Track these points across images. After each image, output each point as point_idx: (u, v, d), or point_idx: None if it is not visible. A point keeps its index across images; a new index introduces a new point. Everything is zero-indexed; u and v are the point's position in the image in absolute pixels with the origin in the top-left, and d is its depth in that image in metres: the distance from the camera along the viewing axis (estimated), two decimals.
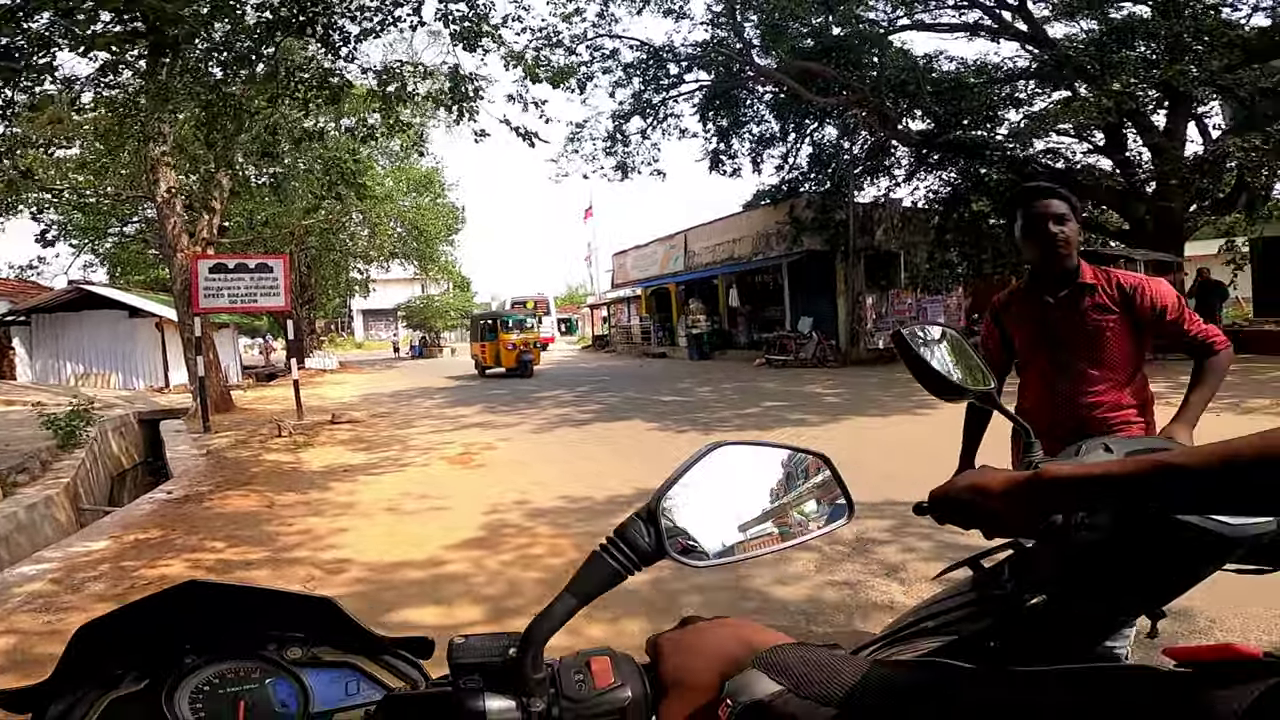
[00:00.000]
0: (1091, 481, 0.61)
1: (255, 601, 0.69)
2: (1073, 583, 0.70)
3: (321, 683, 0.70)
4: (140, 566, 4.24)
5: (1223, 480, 0.54)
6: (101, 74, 7.32)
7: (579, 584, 0.60)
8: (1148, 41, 13.52)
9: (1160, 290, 2.05)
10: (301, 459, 7.91)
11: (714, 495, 0.65)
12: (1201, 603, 2.90)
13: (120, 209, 19.09)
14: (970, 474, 0.74)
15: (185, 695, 0.67)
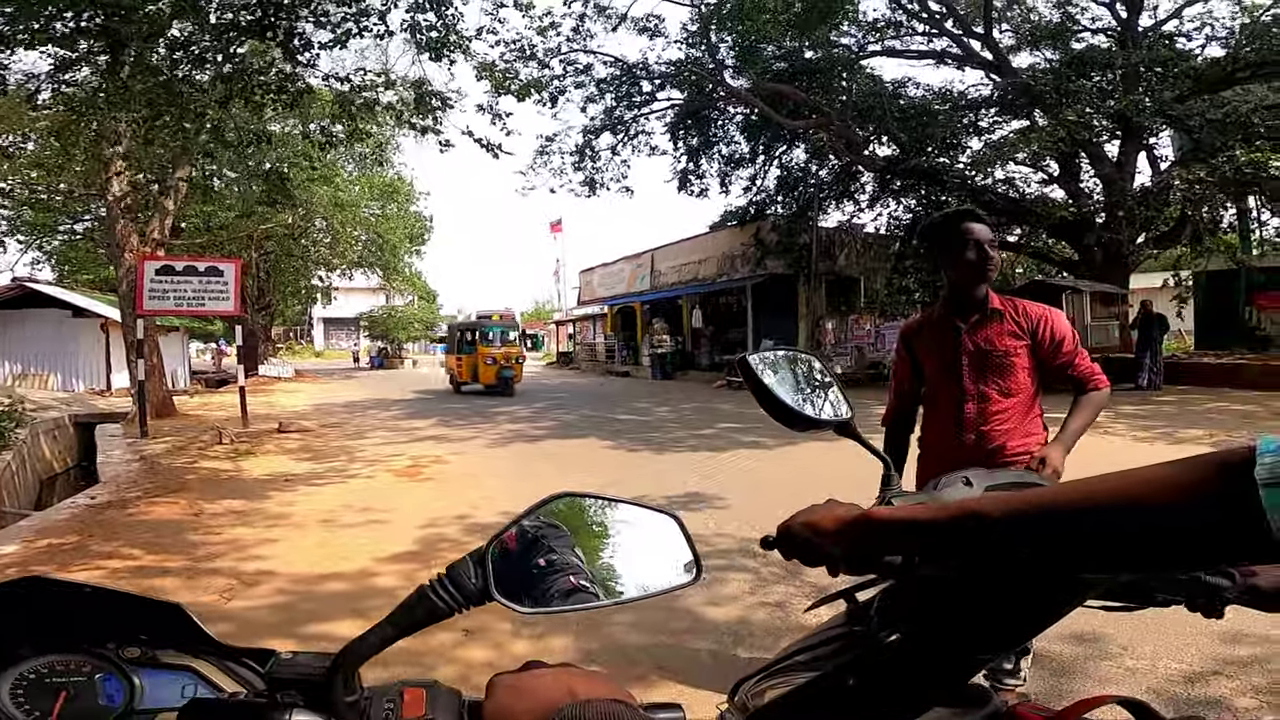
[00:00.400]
0: (910, 526, 0.60)
1: (101, 602, 0.69)
2: (925, 621, 0.67)
3: (156, 683, 0.71)
4: (45, 571, 4.00)
5: (1035, 533, 0.53)
6: (59, 70, 7.11)
7: (401, 616, 0.61)
8: (1104, 71, 13.99)
9: (1062, 323, 2.13)
10: (241, 467, 7.64)
11: (555, 543, 0.67)
12: (1114, 628, 2.91)
13: (71, 206, 18.48)
14: (808, 511, 0.73)
15: (7, 684, 0.68)
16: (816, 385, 1.09)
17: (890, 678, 0.66)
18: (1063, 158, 15.23)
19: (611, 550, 0.70)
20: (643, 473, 7.07)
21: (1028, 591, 0.63)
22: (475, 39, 8.76)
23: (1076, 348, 2.12)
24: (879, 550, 0.66)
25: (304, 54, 7.77)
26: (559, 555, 0.67)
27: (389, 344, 36.88)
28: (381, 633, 0.61)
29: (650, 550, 0.71)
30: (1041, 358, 2.10)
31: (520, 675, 0.63)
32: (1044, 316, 2.11)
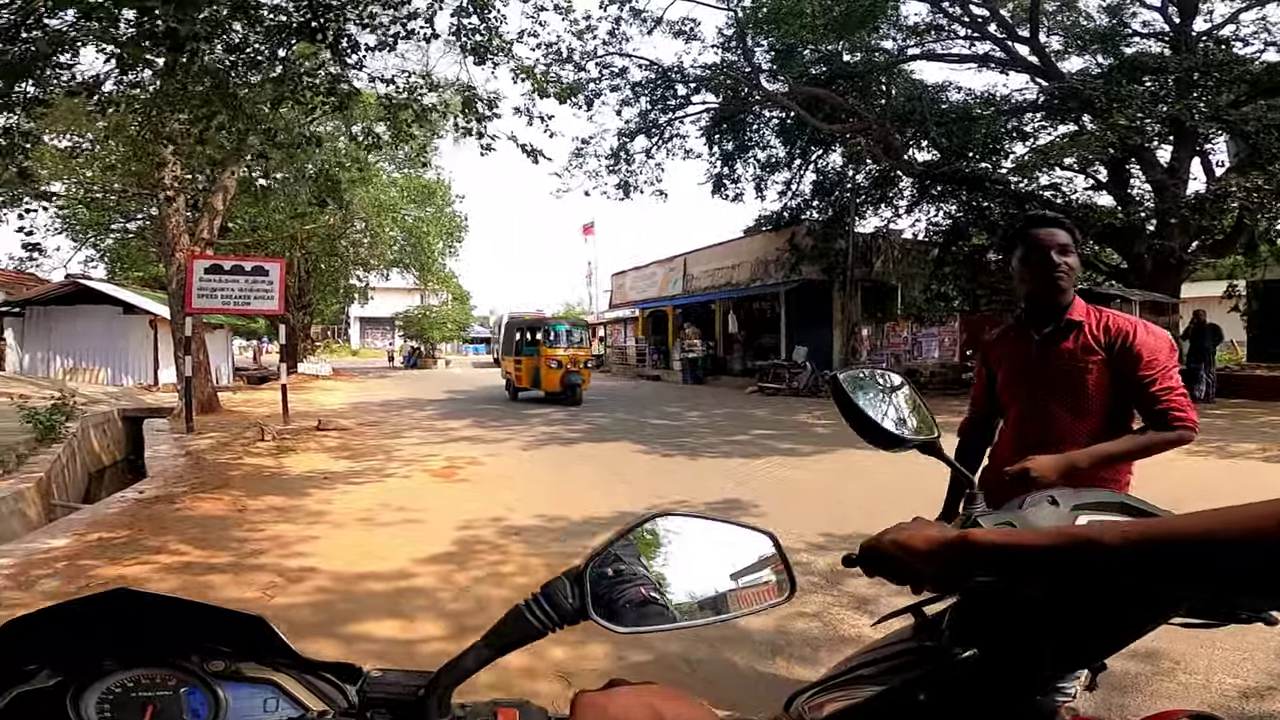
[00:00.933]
0: (1015, 552, 0.61)
1: (185, 614, 0.69)
2: (1005, 638, 0.67)
3: (240, 697, 0.70)
4: (98, 566, 4.12)
5: (1158, 564, 0.53)
6: (121, 73, 7.38)
7: (496, 636, 0.62)
8: (1157, 76, 13.59)
9: (1148, 338, 1.87)
10: (283, 464, 7.80)
11: (651, 563, 0.67)
12: (1168, 643, 2.82)
13: (124, 205, 19.12)
14: (898, 530, 0.73)
15: (94, 697, 0.68)
16: (903, 404, 1.10)
17: (964, 694, 0.67)
18: (1112, 163, 14.80)
19: (709, 569, 0.70)
20: (677, 478, 7.03)
21: (1114, 610, 0.63)
22: (517, 41, 8.85)
23: (1162, 372, 1.84)
24: (973, 572, 0.66)
25: (352, 56, 7.93)
26: (657, 574, 0.67)
27: (423, 344, 37.39)
28: (477, 654, 0.61)
29: (746, 568, 0.72)
30: (1124, 375, 1.88)
31: (607, 694, 0.62)
32: (1127, 330, 1.89)
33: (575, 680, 2.78)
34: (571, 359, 15.15)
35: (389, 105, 8.77)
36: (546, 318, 17.35)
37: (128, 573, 4.01)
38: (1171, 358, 1.88)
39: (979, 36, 16.63)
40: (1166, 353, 1.87)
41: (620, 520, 5.36)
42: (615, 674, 0.79)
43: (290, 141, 9.51)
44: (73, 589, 3.72)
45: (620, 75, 18.40)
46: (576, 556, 4.13)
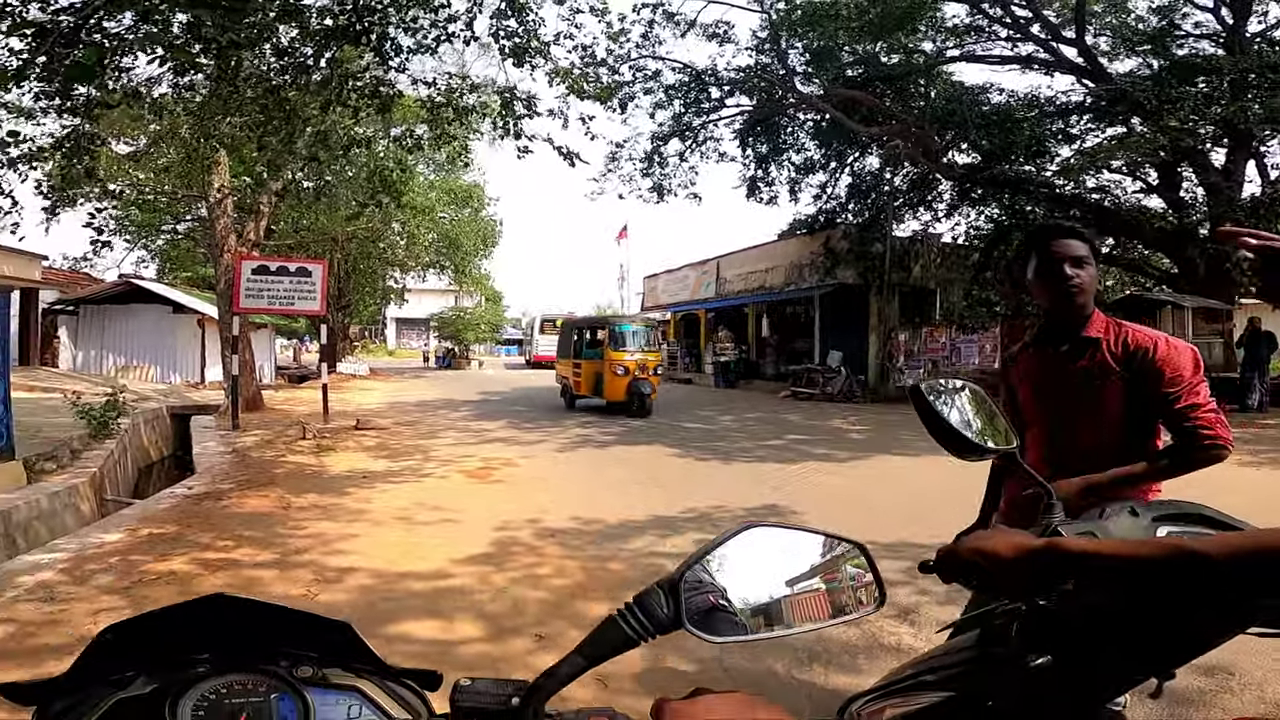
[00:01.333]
0: (1106, 560, 0.62)
1: (275, 618, 0.71)
2: (1082, 646, 0.68)
3: (326, 703, 0.71)
4: (149, 561, 4.25)
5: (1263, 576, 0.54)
6: (176, 75, 7.64)
7: (590, 646, 0.62)
8: (1209, 78, 13.18)
9: (1171, 354, 1.77)
10: (323, 463, 7.96)
11: (741, 574, 0.68)
12: (1227, 655, 2.76)
13: (175, 207, 19.74)
14: (980, 537, 0.73)
15: (190, 703, 0.69)
16: (981, 414, 1.11)
17: (1036, 700, 0.67)
18: (1162, 166, 14.36)
19: (798, 579, 0.70)
20: (713, 483, 7.00)
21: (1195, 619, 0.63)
22: (554, 44, 8.92)
23: (1187, 389, 1.75)
24: (1061, 579, 0.67)
25: (395, 58, 8.09)
26: (747, 585, 0.68)
27: (457, 345, 37.89)
28: (572, 664, 0.62)
29: (833, 578, 0.72)
30: (1146, 394, 1.78)
31: (690, 703, 0.62)
32: (1149, 345, 1.79)
33: (610, 682, 2.78)
34: (640, 364, 13.34)
35: (429, 106, 8.92)
36: (613, 317, 16.12)
37: (178, 569, 4.13)
38: (1197, 373, 1.78)
39: (1021, 38, 16.27)
40: (1191, 368, 1.78)
41: (655, 523, 5.35)
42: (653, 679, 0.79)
43: (341, 143, 9.75)
44: (126, 584, 3.84)
45: (654, 78, 18.44)
46: (613, 560, 4.12)
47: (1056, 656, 0.67)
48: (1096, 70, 15.05)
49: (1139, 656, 0.65)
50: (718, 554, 0.67)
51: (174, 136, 12.49)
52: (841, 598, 0.72)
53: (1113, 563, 0.61)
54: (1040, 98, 16.52)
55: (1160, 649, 0.65)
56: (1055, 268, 1.82)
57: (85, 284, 21.44)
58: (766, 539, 0.70)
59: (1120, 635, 0.64)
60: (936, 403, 1.05)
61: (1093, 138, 15.45)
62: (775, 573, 0.70)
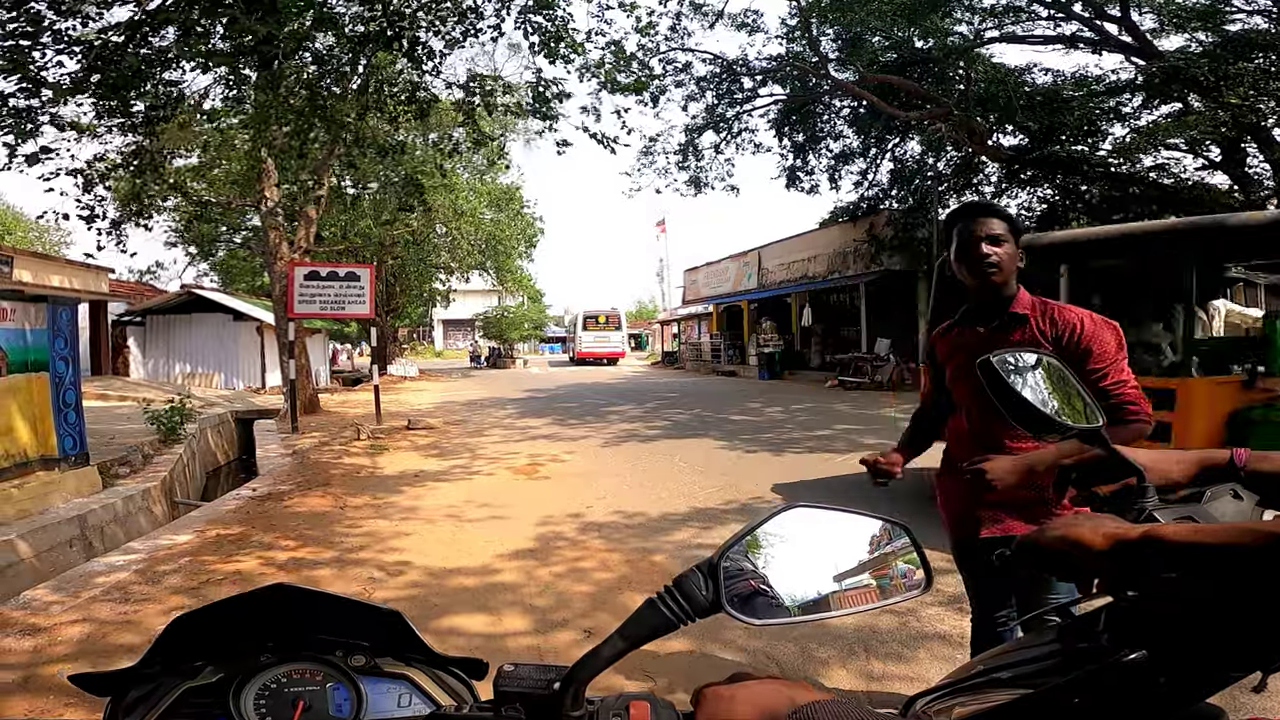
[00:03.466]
0: (1211, 550, 0.58)
1: (330, 607, 0.73)
2: (1181, 639, 0.63)
3: (378, 692, 0.74)
4: (216, 561, 4.47)
5: None
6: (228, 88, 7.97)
7: (630, 628, 0.62)
8: (1267, 53, 12.49)
9: (1098, 331, 1.82)
10: (377, 463, 8.21)
11: (783, 556, 0.66)
12: None
13: (230, 217, 20.51)
14: (1065, 524, 0.70)
15: (253, 691, 0.72)
16: (1059, 390, 1.02)
17: (1127, 696, 0.63)
18: (1225, 142, 13.65)
19: (842, 561, 0.69)
20: (762, 474, 6.96)
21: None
22: (587, 41, 8.95)
23: (1112, 366, 1.80)
24: (1159, 569, 0.63)
25: (428, 61, 8.24)
26: (789, 567, 0.67)
27: (501, 344, 38.47)
28: (613, 646, 0.62)
29: (880, 559, 0.70)
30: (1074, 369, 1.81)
31: (733, 686, 0.62)
32: (1075, 323, 1.82)
33: (657, 677, 2.81)
34: None
35: (461, 105, 9.04)
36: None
37: (243, 568, 4.33)
38: (1120, 350, 1.83)
39: (1064, 17, 15.64)
40: (1115, 345, 1.82)
41: (699, 516, 5.37)
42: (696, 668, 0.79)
43: (379, 148, 9.99)
44: (195, 584, 4.05)
45: (684, 70, 18.30)
46: (656, 553, 4.15)
47: (1152, 651, 0.63)
48: (1146, 48, 14.39)
49: (1242, 649, 0.61)
50: (758, 535, 0.66)
51: (228, 146, 13.00)
52: (885, 580, 0.70)
53: (1218, 552, 0.57)
54: (1089, 77, 15.87)
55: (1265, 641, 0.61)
56: (973, 246, 1.86)
57: (150, 295, 22.49)
58: (808, 520, 0.69)
59: (1222, 627, 0.61)
60: (1011, 378, 0.97)
61: (1147, 116, 14.80)
62: (816, 554, 0.68)
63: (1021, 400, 0.96)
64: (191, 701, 0.72)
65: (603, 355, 34.56)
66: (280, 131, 9.12)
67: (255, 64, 6.87)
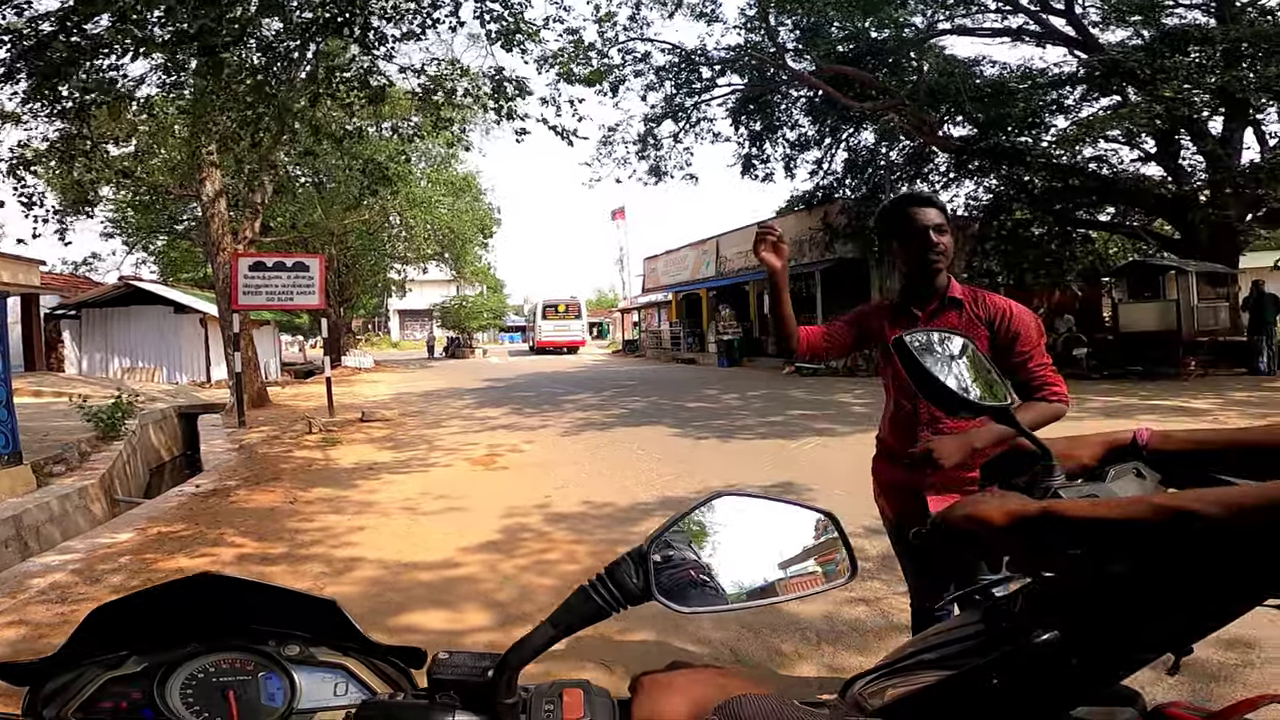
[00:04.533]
0: (1107, 525, 0.57)
1: (263, 597, 0.72)
2: (1091, 618, 0.63)
3: (312, 681, 0.73)
4: (160, 559, 4.31)
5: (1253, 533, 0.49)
6: (166, 74, 7.62)
7: (561, 616, 0.62)
8: (1202, 47, 13.06)
9: (1024, 318, 1.95)
10: (330, 456, 8.02)
11: (716, 545, 0.67)
12: (1253, 630, 2.74)
13: (170, 208, 19.72)
14: (972, 502, 0.69)
15: (178, 681, 0.70)
16: (972, 369, 1.04)
17: (1042, 677, 0.63)
18: (1160, 135, 14.25)
19: (769, 549, 0.69)
20: (716, 462, 7.03)
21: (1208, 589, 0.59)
22: (543, 28, 8.85)
23: (1035, 349, 1.93)
24: (1060, 546, 0.63)
25: (380, 47, 8.02)
26: (717, 555, 0.67)
27: (460, 334, 37.94)
28: (544, 634, 0.62)
29: (806, 549, 0.71)
30: (1001, 353, 1.93)
31: (669, 674, 0.62)
32: (1004, 309, 1.96)
33: (616, 670, 2.80)
34: None
35: (421, 94, 8.88)
36: None
37: (187, 565, 4.19)
38: (1041, 337, 1.97)
39: (1011, 10, 16.08)
40: (1036, 332, 1.96)
41: (664, 505, 5.39)
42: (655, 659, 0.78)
43: (336, 135, 9.72)
44: (137, 582, 3.89)
45: (643, 60, 18.27)
46: (621, 544, 4.15)
47: (1063, 631, 0.63)
48: (1088, 41, 14.91)
49: (1151, 631, 0.61)
50: (694, 524, 0.67)
51: (166, 135, 12.47)
52: (812, 569, 0.70)
53: (1112, 526, 0.57)
54: (1033, 70, 16.39)
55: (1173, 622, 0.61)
56: (923, 235, 1.93)
57: (86, 287, 21.48)
58: (736, 508, 0.70)
59: (1129, 607, 0.61)
60: (924, 357, 0.98)
61: (1087, 108, 15.36)
62: (746, 542, 0.69)
63: (934, 378, 0.96)
64: (113, 691, 0.70)
65: (563, 344, 34.41)
66: (224, 119, 8.78)
67: (195, 52, 6.59)
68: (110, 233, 23.22)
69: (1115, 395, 10.52)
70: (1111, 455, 0.98)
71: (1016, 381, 1.95)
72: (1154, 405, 9.40)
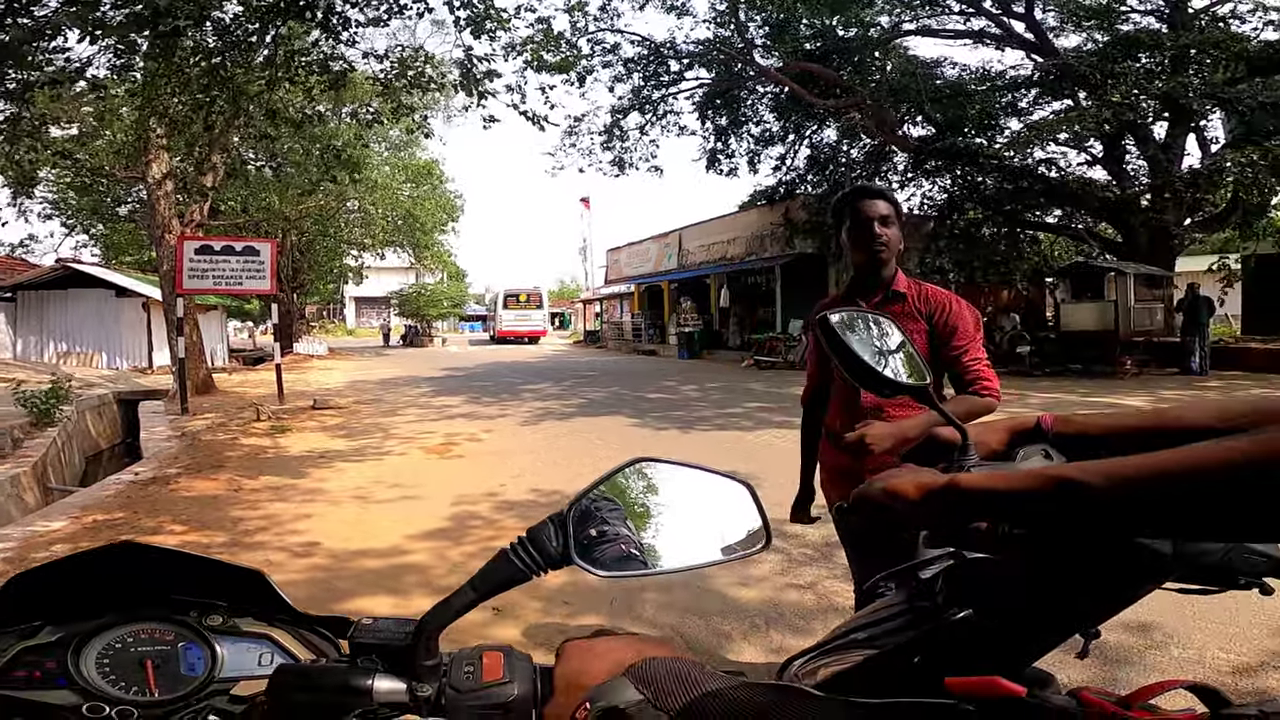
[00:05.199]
0: (998, 495, 0.58)
1: (186, 567, 0.71)
2: (996, 599, 0.65)
3: (236, 651, 0.72)
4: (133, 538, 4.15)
5: (1145, 501, 0.50)
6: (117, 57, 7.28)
7: (482, 579, 0.63)
8: (1152, 53, 13.51)
9: (963, 312, 1.99)
10: (279, 444, 7.83)
11: (633, 510, 0.68)
12: (1161, 616, 2.87)
13: (114, 190, 18.94)
14: (888, 476, 0.70)
15: (94, 651, 0.69)
16: (893, 349, 1.07)
17: (959, 656, 0.64)
18: (1107, 139, 14.74)
19: (682, 517, 0.70)
20: (673, 453, 7.05)
21: (1107, 570, 0.61)
22: (514, 17, 8.70)
23: (971, 344, 1.98)
24: (965, 519, 0.63)
25: (344, 32, 7.81)
26: (636, 519, 0.68)
27: (419, 322, 37.30)
28: (464, 597, 0.62)
29: (720, 518, 0.71)
30: (940, 344, 1.99)
31: (591, 640, 0.64)
32: (945, 303, 2.01)
33: None
34: None
35: (383, 80, 8.69)
36: None
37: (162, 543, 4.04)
38: (978, 330, 2.02)
39: (974, 12, 16.44)
40: (974, 325, 2.01)
41: None
42: None
43: (293, 120, 9.44)
44: None
45: (612, 51, 18.20)
46: None
47: (977, 610, 0.64)
48: (1045, 45, 15.31)
49: (1057, 610, 0.62)
50: (609, 488, 0.67)
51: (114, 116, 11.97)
52: (731, 535, 0.71)
53: (1005, 496, 0.57)
54: (991, 72, 16.79)
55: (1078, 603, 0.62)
56: (867, 226, 1.97)
57: (22, 269, 20.48)
58: (656, 474, 0.70)
59: (1036, 586, 0.61)
60: (847, 336, 1.02)
61: (1040, 111, 15.78)
62: (667, 509, 0.70)
63: (855, 356, 0.98)
64: (27, 661, 0.69)
65: (524, 334, 34.17)
66: (174, 101, 8.44)
67: (150, 36, 6.34)
68: (49, 214, 22.20)
69: (1055, 392, 10.90)
70: (1018, 439, 1.02)
71: (951, 374, 2.00)
72: (1091, 402, 9.77)
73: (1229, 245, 16.04)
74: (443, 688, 0.61)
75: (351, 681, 0.61)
